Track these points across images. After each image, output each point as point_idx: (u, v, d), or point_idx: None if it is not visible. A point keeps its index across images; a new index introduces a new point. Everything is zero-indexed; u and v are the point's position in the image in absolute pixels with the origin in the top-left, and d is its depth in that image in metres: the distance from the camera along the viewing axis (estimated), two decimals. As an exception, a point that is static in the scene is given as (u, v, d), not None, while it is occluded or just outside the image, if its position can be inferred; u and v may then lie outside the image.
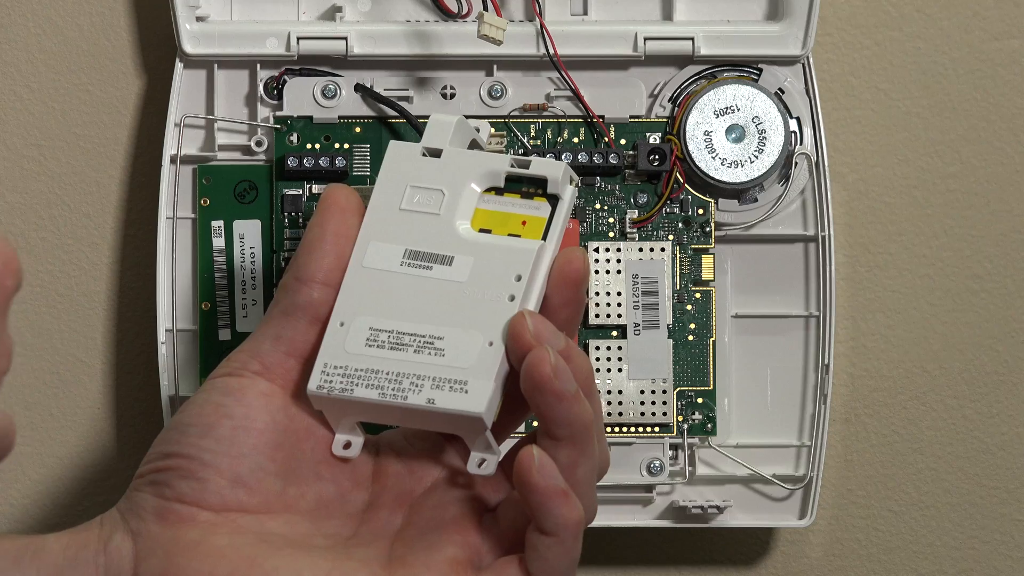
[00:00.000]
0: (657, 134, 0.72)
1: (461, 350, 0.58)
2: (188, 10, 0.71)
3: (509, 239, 0.59)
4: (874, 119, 0.76)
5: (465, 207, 0.60)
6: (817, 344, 0.73)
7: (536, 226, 0.60)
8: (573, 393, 0.57)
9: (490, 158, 0.60)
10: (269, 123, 0.72)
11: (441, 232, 0.59)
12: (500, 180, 0.60)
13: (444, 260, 0.59)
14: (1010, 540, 0.77)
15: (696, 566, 0.77)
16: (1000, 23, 0.76)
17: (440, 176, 0.60)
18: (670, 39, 0.72)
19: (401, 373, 0.58)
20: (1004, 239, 0.76)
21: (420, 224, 0.59)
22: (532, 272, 0.58)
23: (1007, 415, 0.77)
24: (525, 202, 0.60)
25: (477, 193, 0.60)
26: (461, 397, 0.57)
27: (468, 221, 0.60)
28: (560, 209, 0.60)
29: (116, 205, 0.76)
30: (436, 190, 0.60)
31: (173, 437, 0.58)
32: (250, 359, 0.59)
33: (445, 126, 0.61)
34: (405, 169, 0.60)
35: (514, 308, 0.58)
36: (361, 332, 0.59)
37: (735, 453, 0.73)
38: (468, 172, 0.60)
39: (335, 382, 0.58)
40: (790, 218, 0.73)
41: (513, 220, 0.60)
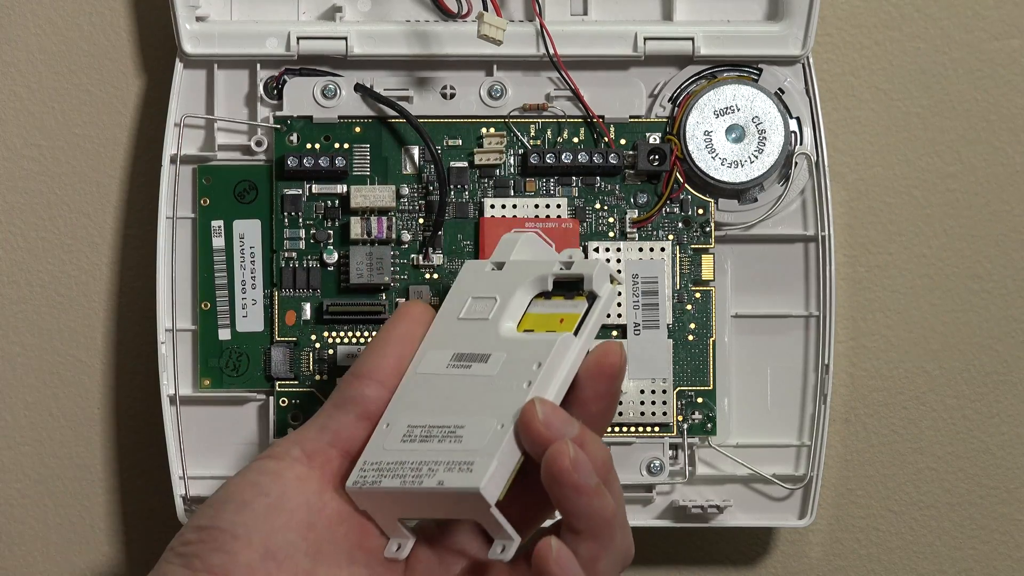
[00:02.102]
0: (657, 134, 0.72)
1: (476, 435, 0.59)
2: (188, 10, 0.71)
3: (542, 334, 0.61)
4: (874, 119, 0.76)
5: (515, 311, 0.62)
6: (817, 344, 0.73)
7: (571, 321, 0.62)
8: (594, 487, 0.57)
9: (540, 266, 0.63)
10: (269, 123, 0.72)
11: (486, 334, 0.62)
12: (549, 284, 0.62)
13: (482, 358, 0.61)
14: (1010, 540, 0.77)
15: (696, 566, 0.77)
16: (1000, 23, 0.76)
17: (497, 285, 0.63)
18: (670, 39, 0.72)
19: (423, 462, 0.59)
20: (1004, 239, 0.76)
21: (471, 329, 0.62)
22: (551, 359, 0.60)
23: (1007, 415, 0.77)
24: (567, 302, 0.62)
25: (528, 298, 0.63)
26: (464, 475, 0.58)
27: (515, 323, 0.62)
28: (596, 305, 0.62)
29: (116, 205, 0.76)
30: (490, 298, 0.63)
31: (207, 512, 0.59)
32: (292, 445, 0.60)
33: (509, 243, 0.64)
34: (472, 283, 0.63)
35: (530, 393, 0.59)
36: (400, 430, 0.60)
37: (735, 453, 0.73)
38: (520, 280, 0.63)
39: (368, 476, 0.60)
40: (790, 218, 0.73)
41: (553, 319, 0.62)
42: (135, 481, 0.76)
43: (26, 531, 0.76)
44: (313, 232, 0.72)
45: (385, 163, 0.72)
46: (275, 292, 0.72)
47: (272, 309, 0.72)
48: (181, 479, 0.72)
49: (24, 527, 0.76)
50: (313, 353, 0.72)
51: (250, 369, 0.72)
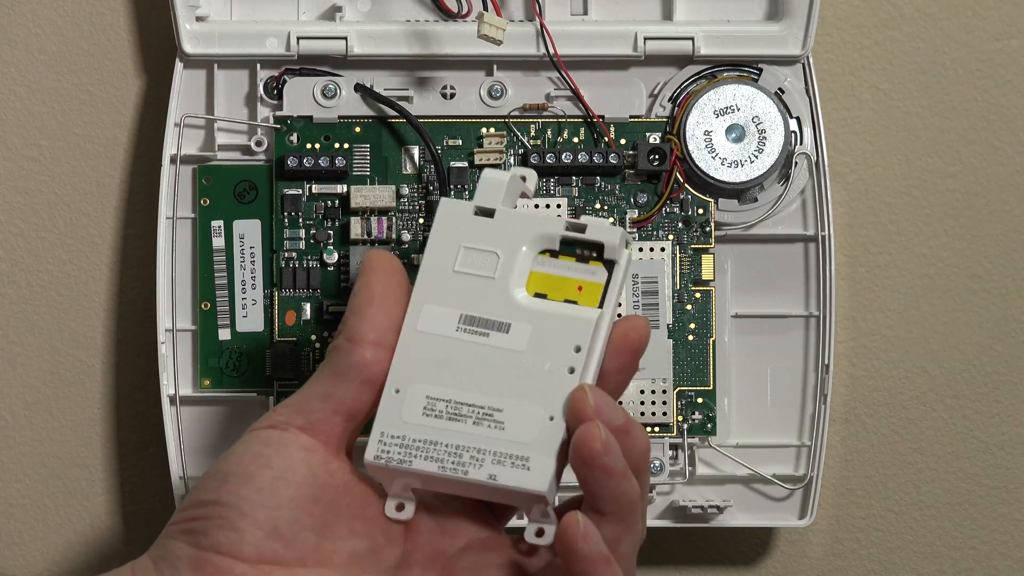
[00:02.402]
0: (657, 134, 0.72)
1: (522, 424, 0.58)
2: (188, 10, 0.71)
3: (567, 306, 0.59)
4: (874, 119, 0.76)
5: (520, 270, 0.59)
6: (817, 344, 0.73)
7: (592, 292, 0.59)
8: (622, 470, 0.57)
9: (545, 221, 0.60)
10: (269, 123, 0.72)
11: (497, 297, 0.59)
12: (555, 243, 0.60)
13: (501, 327, 0.59)
14: (1010, 540, 0.77)
15: (696, 566, 0.77)
16: (1000, 23, 0.76)
17: (494, 237, 0.60)
18: (670, 39, 0.72)
19: (461, 446, 0.58)
20: (1004, 239, 0.76)
21: (475, 287, 0.59)
22: (591, 343, 0.58)
23: (1007, 415, 0.77)
24: (580, 266, 0.60)
25: (532, 255, 0.60)
26: (523, 474, 0.57)
27: (524, 286, 0.59)
28: (616, 275, 0.59)
29: (116, 205, 0.76)
30: (490, 252, 0.59)
31: (211, 485, 0.57)
32: (295, 414, 0.59)
33: (497, 184, 0.61)
34: (457, 229, 0.60)
35: (574, 381, 0.58)
36: (418, 401, 0.58)
37: (735, 453, 0.73)
38: (522, 234, 0.60)
39: (393, 453, 0.58)
40: (790, 218, 0.73)
41: (569, 285, 0.59)
42: (135, 481, 0.76)
43: (26, 531, 0.76)
44: (313, 232, 0.72)
45: (385, 163, 0.72)
46: (275, 292, 0.72)
47: (272, 309, 0.72)
48: (181, 479, 0.72)
49: (24, 527, 0.76)
50: (313, 353, 0.72)
51: (250, 369, 0.72)
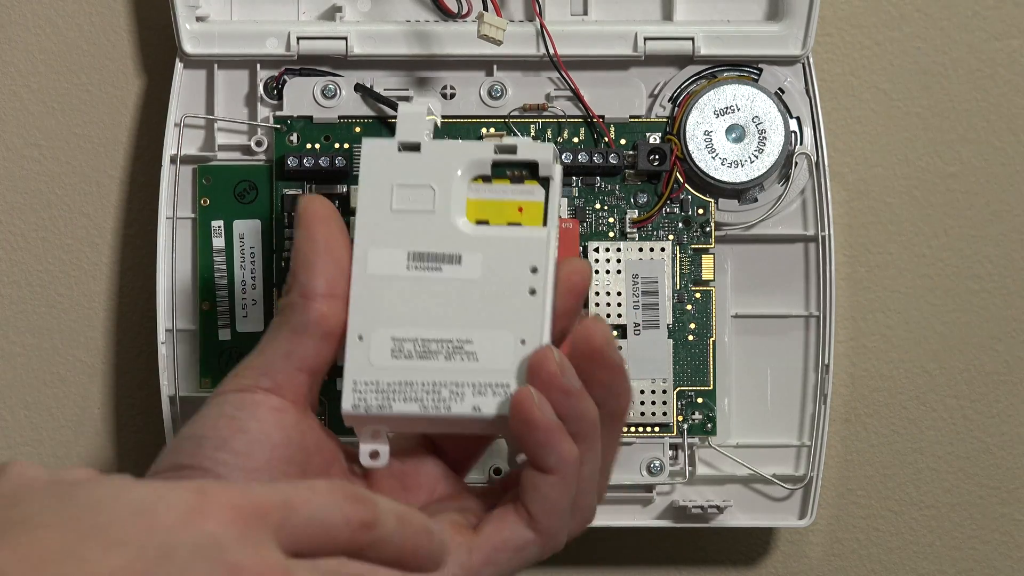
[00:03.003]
0: (657, 134, 0.72)
1: (494, 352, 0.57)
2: (188, 10, 0.71)
3: (512, 229, 0.59)
4: (874, 119, 0.76)
5: (458, 200, 0.59)
6: (817, 344, 0.73)
7: (534, 211, 0.59)
8: (579, 389, 0.56)
9: (473, 147, 0.59)
10: (269, 123, 0.72)
11: (441, 230, 0.59)
12: (487, 168, 0.59)
13: (452, 259, 0.58)
14: (1010, 540, 0.77)
15: (696, 566, 0.77)
16: (1000, 23, 0.76)
17: (425, 171, 0.59)
18: (670, 39, 0.72)
19: (438, 382, 0.57)
20: (1004, 239, 0.76)
21: (416, 224, 0.59)
22: (547, 261, 0.58)
23: (1007, 415, 0.77)
24: (516, 187, 0.59)
25: (466, 183, 0.59)
26: (504, 401, 0.57)
27: (464, 214, 0.59)
28: (553, 191, 0.59)
29: (116, 205, 0.76)
30: (425, 186, 0.59)
31: (186, 448, 0.56)
32: (261, 376, 0.58)
33: (417, 117, 0.60)
34: (385, 167, 0.59)
35: (539, 302, 0.58)
36: (384, 343, 0.58)
37: (735, 453, 0.73)
38: (453, 164, 0.59)
39: (370, 399, 0.58)
40: (790, 218, 0.73)
41: (509, 207, 0.59)
42: (135, 481, 0.76)
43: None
44: (313, 232, 0.72)
45: (385, 163, 0.72)
46: (275, 292, 0.72)
47: (272, 309, 0.72)
48: (181, 479, 0.72)
49: (24, 527, 0.76)
50: (313, 353, 0.72)
51: (250, 369, 0.72)
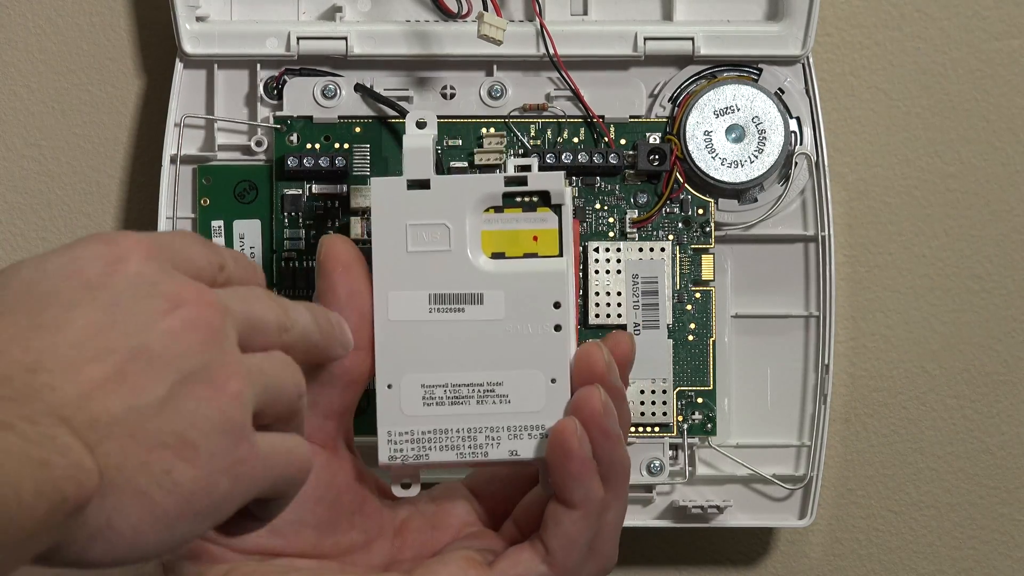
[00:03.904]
0: (657, 134, 0.72)
1: (526, 393, 0.58)
2: (188, 10, 0.71)
3: (531, 262, 0.59)
4: (874, 119, 0.76)
5: (473, 236, 0.59)
6: (817, 344, 0.73)
7: (549, 240, 0.59)
8: (618, 435, 0.57)
9: (483, 180, 0.60)
10: (269, 123, 0.72)
11: (459, 269, 0.59)
12: (499, 200, 0.59)
13: (474, 299, 0.58)
14: (1010, 540, 0.77)
15: (696, 566, 0.77)
16: (1000, 23, 0.76)
17: (436, 208, 0.59)
18: (670, 39, 0.72)
19: (472, 428, 0.58)
20: (1004, 239, 0.76)
21: (434, 264, 0.59)
22: (568, 295, 0.58)
23: (1007, 415, 0.77)
24: (530, 215, 0.59)
25: (479, 216, 0.59)
26: (543, 443, 0.57)
27: (480, 250, 0.59)
28: (566, 217, 0.59)
29: (116, 205, 0.76)
30: (439, 225, 0.59)
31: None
32: None
33: (423, 152, 0.60)
34: (396, 207, 0.59)
35: (564, 338, 0.58)
36: (414, 391, 0.58)
37: (735, 453, 0.73)
38: (465, 199, 0.59)
39: (406, 450, 0.58)
40: (790, 218, 0.73)
41: (524, 237, 0.59)
42: (135, 481, 0.76)
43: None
44: (313, 232, 0.72)
45: (385, 163, 0.72)
46: (275, 292, 0.72)
47: (272, 309, 0.72)
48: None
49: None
50: (313, 353, 0.72)
51: (250, 369, 0.72)
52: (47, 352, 0.47)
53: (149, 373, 0.47)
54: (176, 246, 0.51)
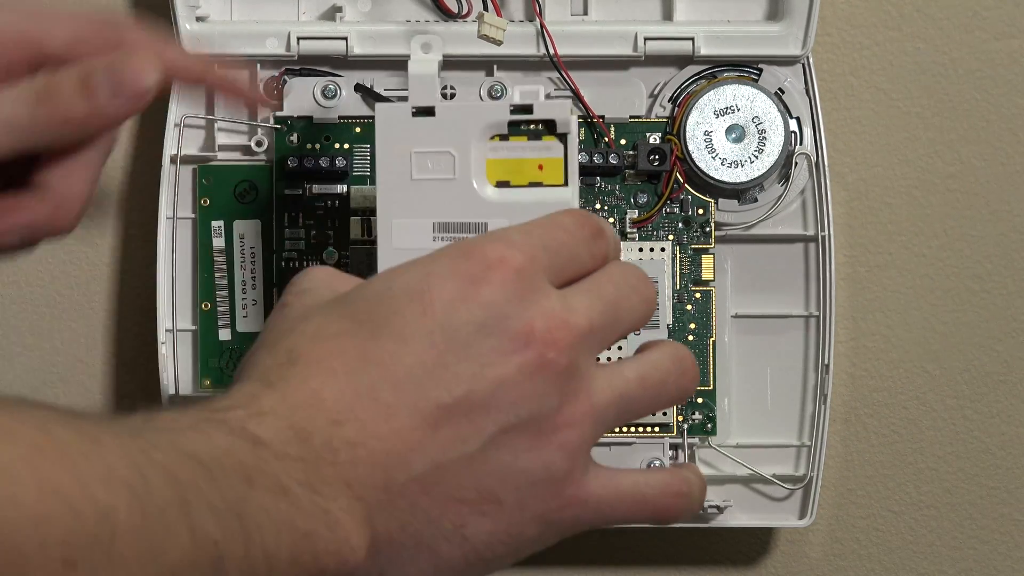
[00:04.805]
0: (657, 134, 0.72)
1: None
2: (188, 10, 0.71)
3: (536, 191, 0.58)
4: (874, 119, 0.76)
5: (478, 165, 0.58)
6: (817, 344, 0.73)
7: (554, 168, 0.58)
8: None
9: (489, 109, 0.59)
10: (269, 123, 0.72)
11: (464, 197, 0.58)
12: (504, 128, 0.59)
13: (478, 228, 0.58)
14: (1010, 540, 0.77)
15: (696, 566, 0.77)
16: (1000, 23, 0.76)
17: (441, 136, 0.58)
18: (670, 39, 0.72)
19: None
20: (1004, 239, 0.76)
21: (439, 192, 0.58)
22: None
23: (1007, 415, 0.77)
24: (535, 144, 0.59)
25: (484, 144, 0.59)
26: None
27: (486, 178, 0.59)
28: (572, 145, 0.59)
29: (116, 205, 0.76)
30: (444, 152, 0.58)
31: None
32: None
33: (429, 80, 0.59)
34: (401, 134, 0.59)
35: None
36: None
37: (735, 453, 0.73)
38: (470, 127, 0.58)
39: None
40: (790, 218, 0.73)
41: (529, 165, 0.58)
42: (135, 481, 0.76)
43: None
44: (313, 232, 0.72)
45: (385, 163, 0.72)
46: (275, 293, 0.72)
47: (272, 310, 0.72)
48: (181, 479, 0.72)
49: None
50: (313, 353, 0.72)
51: (250, 369, 0.72)
52: (365, 395, 0.45)
53: (466, 426, 0.45)
54: (556, 245, 0.49)
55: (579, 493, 0.48)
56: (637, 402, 0.50)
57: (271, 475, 0.43)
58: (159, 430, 0.43)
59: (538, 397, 0.46)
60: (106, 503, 0.39)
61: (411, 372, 0.45)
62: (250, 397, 0.45)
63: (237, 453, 0.43)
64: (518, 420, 0.46)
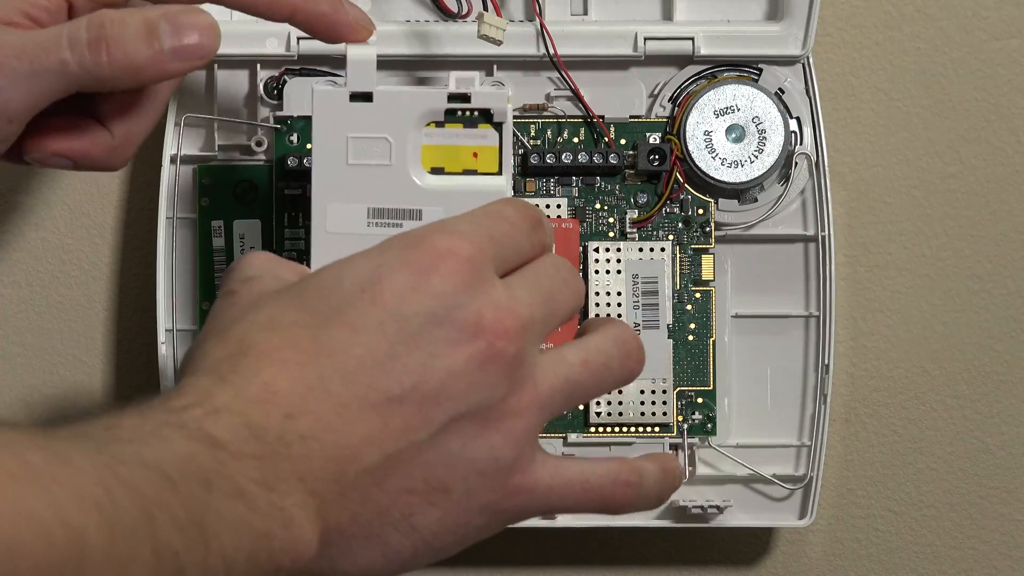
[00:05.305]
0: (657, 134, 0.72)
1: None
2: (188, 10, 0.71)
3: (471, 179, 0.58)
4: (874, 119, 0.76)
5: (414, 152, 0.58)
6: (817, 344, 0.73)
7: (489, 157, 0.59)
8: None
9: (426, 95, 0.59)
10: (269, 123, 0.72)
11: (399, 184, 0.58)
12: (440, 116, 0.59)
13: (412, 215, 0.58)
14: (1010, 540, 0.77)
15: (696, 566, 0.77)
16: (1000, 23, 0.76)
17: (378, 122, 0.58)
18: (670, 39, 0.72)
19: None
20: (1004, 239, 0.76)
21: (374, 178, 0.58)
22: None
23: (1007, 415, 0.77)
24: (470, 132, 0.59)
25: (420, 132, 0.59)
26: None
27: (420, 165, 0.58)
28: (506, 134, 0.59)
29: (116, 205, 0.76)
30: (380, 138, 0.58)
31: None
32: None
33: (367, 64, 0.59)
34: (338, 118, 0.58)
35: None
36: None
37: (735, 453, 0.73)
38: (407, 113, 0.58)
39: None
40: (790, 218, 0.73)
41: (463, 153, 0.59)
42: (135, 481, 0.76)
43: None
44: (313, 232, 0.72)
45: (385, 163, 0.72)
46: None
47: (272, 309, 0.72)
48: (181, 479, 0.72)
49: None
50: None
51: (250, 369, 0.72)
52: (317, 386, 0.45)
53: (416, 416, 0.46)
54: (501, 235, 0.49)
55: (525, 481, 0.48)
56: (582, 386, 0.51)
57: (229, 478, 0.44)
58: (122, 441, 0.43)
59: (487, 387, 0.47)
60: (77, 525, 0.40)
61: (362, 363, 0.46)
62: (204, 393, 0.46)
63: (197, 458, 0.44)
64: (467, 409, 0.47)
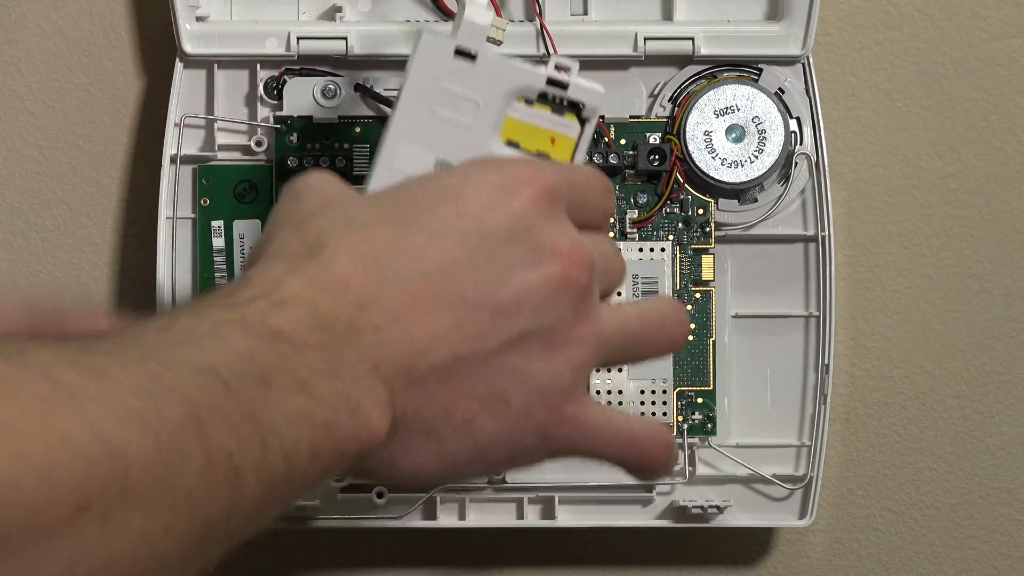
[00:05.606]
0: (657, 134, 0.72)
1: None
2: (188, 10, 0.71)
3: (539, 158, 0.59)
4: (874, 119, 0.76)
5: (497, 120, 0.59)
6: (817, 344, 0.73)
7: (565, 146, 0.59)
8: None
9: (527, 73, 0.59)
10: (269, 123, 0.72)
11: (474, 145, 0.58)
12: (534, 95, 0.59)
13: None
14: (1010, 540, 0.77)
15: (696, 566, 0.77)
16: (1000, 23, 0.76)
17: (475, 84, 0.59)
18: (670, 39, 0.72)
19: None
20: (1004, 239, 0.76)
21: (453, 134, 0.58)
22: None
23: (1007, 415, 0.77)
24: (555, 117, 0.59)
25: (510, 103, 0.59)
26: None
27: (499, 134, 0.59)
28: (587, 131, 0.59)
29: (116, 205, 0.76)
30: (471, 100, 0.59)
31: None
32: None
33: (480, 29, 0.59)
34: (437, 68, 0.59)
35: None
36: None
37: (735, 453, 0.73)
38: (503, 84, 0.59)
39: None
40: (790, 218, 0.73)
41: (542, 135, 0.59)
42: (135, 481, 0.76)
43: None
44: (313, 232, 0.72)
45: (385, 163, 0.72)
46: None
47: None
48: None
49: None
50: (313, 353, 0.72)
51: (250, 369, 0.72)
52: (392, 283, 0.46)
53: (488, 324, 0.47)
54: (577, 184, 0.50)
55: (578, 414, 0.49)
56: (636, 337, 0.51)
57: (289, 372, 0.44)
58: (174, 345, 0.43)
59: (557, 310, 0.48)
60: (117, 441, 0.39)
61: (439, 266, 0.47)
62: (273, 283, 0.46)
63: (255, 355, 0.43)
64: (536, 328, 0.47)
